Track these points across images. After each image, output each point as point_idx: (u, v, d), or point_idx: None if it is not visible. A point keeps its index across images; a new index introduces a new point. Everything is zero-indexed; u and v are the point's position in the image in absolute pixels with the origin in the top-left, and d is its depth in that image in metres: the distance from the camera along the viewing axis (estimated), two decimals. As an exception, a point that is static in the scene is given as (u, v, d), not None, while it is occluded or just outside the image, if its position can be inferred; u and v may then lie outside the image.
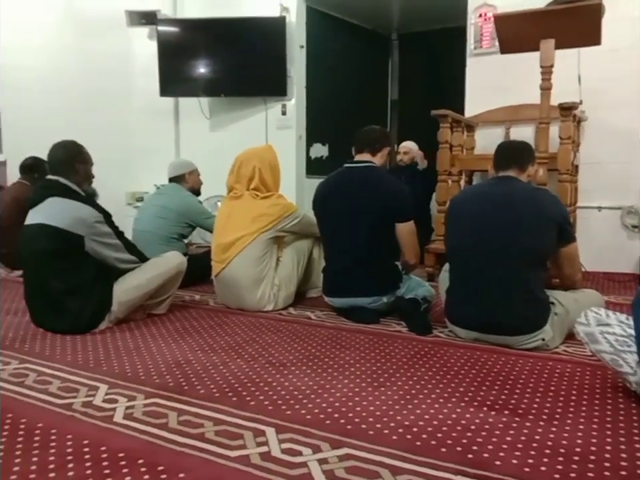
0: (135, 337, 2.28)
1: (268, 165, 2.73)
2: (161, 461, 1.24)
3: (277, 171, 2.77)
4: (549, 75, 2.82)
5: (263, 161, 2.73)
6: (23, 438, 1.36)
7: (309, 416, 1.49)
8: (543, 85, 2.84)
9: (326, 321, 2.50)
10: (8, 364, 1.92)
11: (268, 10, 5.06)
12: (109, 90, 5.61)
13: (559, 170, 2.98)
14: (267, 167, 2.72)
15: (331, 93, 5.41)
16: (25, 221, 3.57)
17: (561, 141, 2.97)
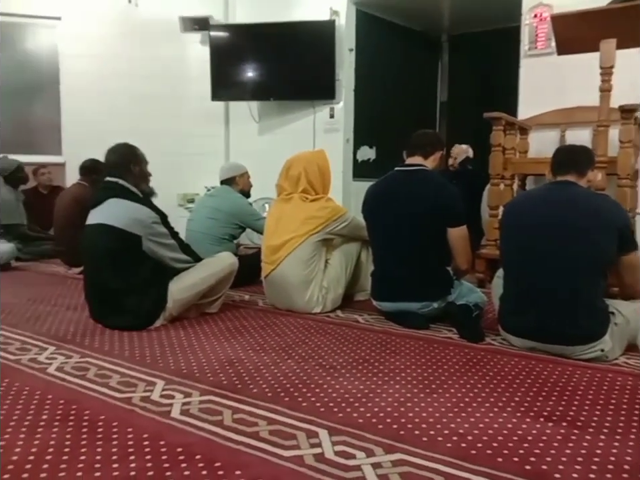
0: (188, 334, 2.34)
1: (316, 168, 2.75)
2: (218, 458, 1.27)
3: (326, 175, 2.79)
4: (608, 76, 2.72)
5: (312, 163, 2.76)
6: (87, 429, 1.41)
7: (361, 419, 1.49)
8: (603, 86, 2.74)
9: (374, 325, 2.50)
10: (70, 357, 2.01)
11: (318, 14, 5.11)
12: (163, 95, 5.79)
13: (618, 175, 2.87)
14: (315, 170, 2.74)
15: (379, 96, 5.41)
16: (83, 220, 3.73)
17: (621, 144, 2.86)
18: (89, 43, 5.83)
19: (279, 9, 5.31)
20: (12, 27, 6.07)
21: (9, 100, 6.09)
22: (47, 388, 1.70)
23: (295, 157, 2.85)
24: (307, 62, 5.07)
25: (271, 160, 5.16)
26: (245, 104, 5.60)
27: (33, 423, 1.45)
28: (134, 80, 5.80)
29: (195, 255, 2.60)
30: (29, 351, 2.08)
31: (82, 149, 5.27)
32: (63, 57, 5.98)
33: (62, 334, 2.33)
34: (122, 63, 5.81)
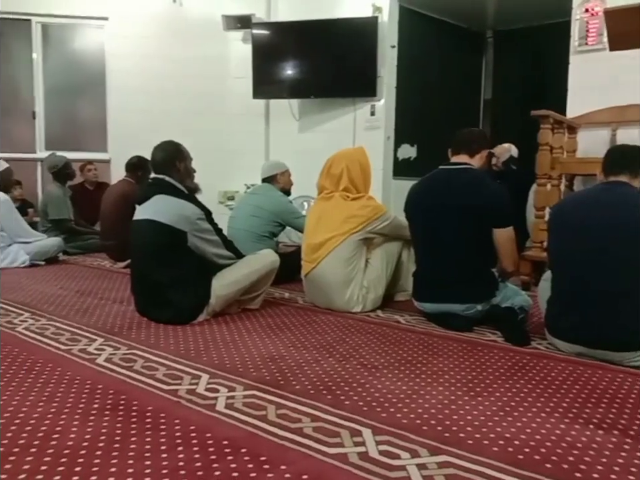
0: (230, 329, 2.37)
1: (358, 166, 2.74)
2: (263, 452, 1.28)
3: (367, 173, 2.78)
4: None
5: (353, 161, 2.74)
6: (137, 419, 1.45)
7: (404, 420, 1.48)
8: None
9: (416, 325, 2.47)
10: (118, 349, 2.07)
11: (360, 11, 5.09)
12: (205, 93, 5.88)
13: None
14: (357, 168, 2.73)
15: (421, 93, 5.35)
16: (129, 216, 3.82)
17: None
18: (134, 43, 5.97)
19: (321, 6, 5.31)
20: (61, 28, 6.28)
21: (57, 98, 6.31)
22: (97, 378, 1.76)
23: (336, 155, 2.84)
24: (348, 59, 5.06)
25: (310, 158, 5.18)
26: (285, 102, 5.63)
27: (85, 411, 1.50)
28: (177, 78, 5.91)
29: (238, 251, 2.63)
30: (79, 342, 2.15)
31: (126, 146, 5.42)
32: (109, 57, 6.15)
33: (109, 326, 2.40)
34: (166, 61, 5.93)
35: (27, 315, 2.56)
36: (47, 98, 6.28)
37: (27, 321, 2.45)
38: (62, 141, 6.26)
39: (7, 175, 4.10)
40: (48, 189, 4.98)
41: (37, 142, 6.21)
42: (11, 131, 6.34)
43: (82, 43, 6.33)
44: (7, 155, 5.43)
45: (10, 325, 2.38)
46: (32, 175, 6.13)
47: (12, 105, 6.34)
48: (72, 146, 6.13)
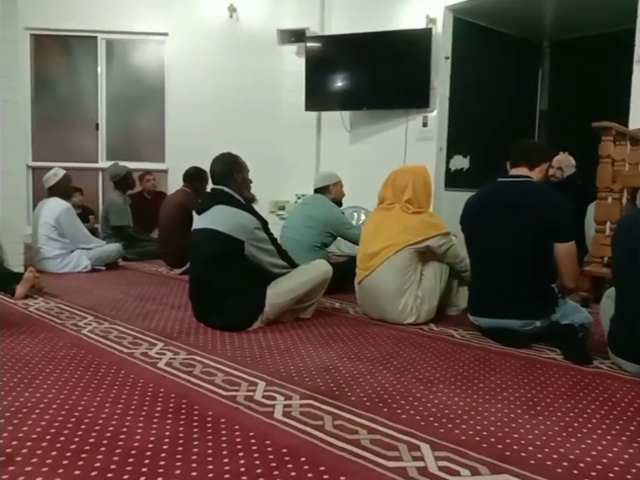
0: (284, 338, 2.40)
1: (422, 182, 2.77)
2: (322, 462, 1.30)
3: (429, 191, 2.80)
4: None
5: (418, 176, 2.78)
6: (198, 423, 1.49)
7: (463, 436, 1.46)
8: None
9: (471, 340, 2.43)
10: (177, 354, 2.14)
11: (414, 23, 5.10)
12: (259, 105, 6.02)
13: None
14: (422, 183, 2.76)
15: (475, 104, 5.29)
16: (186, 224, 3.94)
17: None
18: (192, 57, 6.19)
19: (375, 19, 5.35)
20: (123, 44, 6.58)
21: (118, 111, 6.60)
22: (159, 381, 1.82)
23: (401, 168, 2.94)
24: (401, 71, 5.07)
25: (361, 169, 5.23)
26: (337, 113, 5.69)
27: (149, 413, 1.55)
28: (232, 92, 6.07)
29: (292, 261, 2.67)
30: (140, 345, 2.23)
31: (183, 157, 5.60)
32: (168, 71, 6.39)
33: (169, 331, 2.48)
34: (222, 75, 6.11)
35: (91, 318, 2.67)
36: (109, 110, 6.58)
37: (91, 324, 2.56)
38: (122, 151, 6.54)
39: (66, 182, 4.29)
40: (109, 197, 5.20)
41: (99, 152, 6.51)
42: (75, 141, 6.68)
43: (143, 57, 6.61)
44: (70, 164, 5.74)
45: (76, 327, 2.50)
46: (94, 183, 6.44)
47: (77, 117, 6.69)
48: (131, 156, 6.39)
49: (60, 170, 4.31)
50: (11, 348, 2.15)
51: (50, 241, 4.05)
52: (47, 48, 6.65)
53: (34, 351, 2.12)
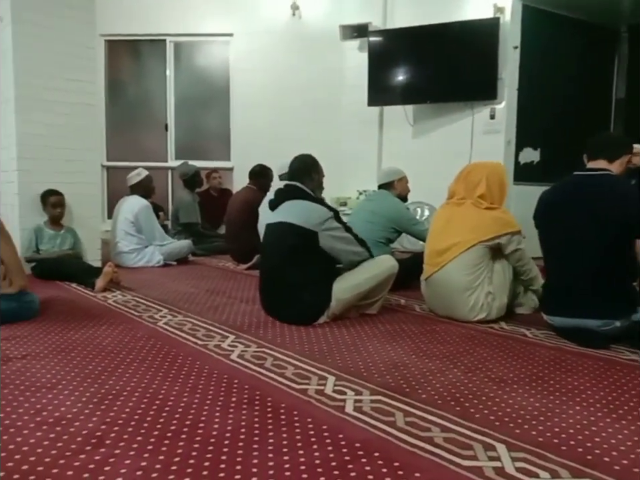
0: (351, 334, 2.42)
1: (497, 178, 2.70)
2: (396, 458, 1.30)
3: (504, 187, 2.72)
4: None
5: (494, 172, 2.71)
6: (272, 415, 1.53)
7: (540, 438, 1.42)
8: None
9: (545, 340, 2.35)
10: (248, 346, 2.20)
11: (481, 12, 4.95)
12: (322, 102, 6.05)
13: None
14: (496, 179, 2.69)
15: (545, 94, 5.08)
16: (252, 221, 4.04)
17: None
18: (256, 57, 6.30)
19: (439, 10, 5.23)
20: (190, 46, 6.79)
21: (185, 111, 6.82)
22: (232, 372, 1.88)
23: (476, 163, 2.89)
24: (467, 62, 4.95)
25: (424, 164, 5.15)
26: (399, 108, 5.62)
27: (225, 403, 1.61)
28: (296, 89, 6.14)
29: (369, 248, 2.68)
30: (213, 338, 2.31)
31: (248, 155, 5.73)
32: (233, 71, 6.53)
33: (239, 324, 2.55)
34: (285, 73, 6.18)
35: (166, 311, 2.79)
36: (177, 111, 6.82)
37: (166, 317, 2.67)
38: (189, 150, 6.76)
39: (147, 183, 4.51)
40: (179, 195, 5.40)
41: (168, 152, 6.76)
42: (146, 141, 6.97)
43: (209, 58, 6.80)
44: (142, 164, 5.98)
45: (152, 319, 2.62)
46: (163, 181, 6.69)
47: (147, 118, 6.97)
48: (198, 155, 6.59)
49: (143, 170, 4.54)
50: (94, 338, 2.29)
51: (127, 235, 4.27)
52: (119, 52, 6.97)
53: (115, 341, 2.24)
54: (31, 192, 3.82)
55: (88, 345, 2.19)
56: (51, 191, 3.79)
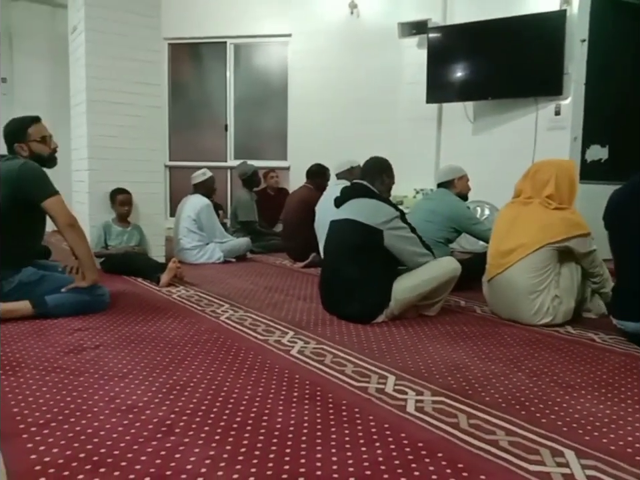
0: (410, 334, 2.40)
1: (567, 176, 2.60)
2: (460, 459, 1.28)
3: (574, 187, 2.62)
4: None
5: (563, 171, 2.61)
6: (333, 411, 1.55)
7: (612, 446, 1.37)
8: None
9: (614, 346, 2.25)
10: (308, 343, 2.23)
11: (546, 5, 4.78)
12: (379, 100, 6.03)
13: None
14: (566, 178, 2.59)
15: (614, 89, 4.85)
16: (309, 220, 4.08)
17: None
18: (314, 56, 6.35)
19: (501, 4, 5.10)
20: (249, 47, 6.94)
21: (244, 111, 6.98)
22: (293, 368, 1.91)
23: (545, 161, 2.76)
24: (530, 57, 4.79)
25: (485, 162, 5.04)
26: (459, 105, 5.52)
27: (288, 398, 1.64)
28: (353, 88, 6.14)
29: (432, 250, 2.67)
30: (273, 333, 2.36)
31: (304, 155, 5.80)
32: (291, 71, 6.62)
33: (298, 320, 2.59)
34: (343, 73, 6.20)
35: (227, 306, 2.87)
36: (237, 112, 6.98)
37: (228, 312, 2.75)
38: (247, 150, 6.92)
39: (210, 183, 4.65)
40: (238, 194, 5.53)
41: (228, 152, 6.93)
42: (206, 142, 7.18)
43: (267, 59, 6.93)
44: (202, 164, 6.17)
45: (214, 314, 2.70)
46: (223, 181, 6.87)
47: (208, 119, 7.18)
48: (256, 155, 6.73)
49: (208, 171, 4.69)
50: (161, 330, 2.38)
51: (190, 233, 4.41)
52: (181, 55, 7.22)
53: (180, 334, 2.33)
54: (100, 190, 4.01)
55: (156, 337, 2.28)
56: (119, 189, 3.97)
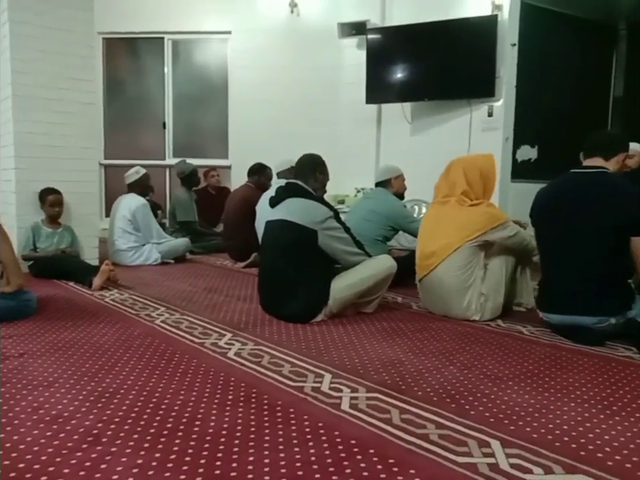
0: (348, 331, 2.42)
1: (477, 172, 2.65)
2: (391, 454, 1.31)
3: (488, 180, 2.69)
4: None
5: (471, 166, 2.67)
6: (268, 412, 1.54)
7: (535, 435, 1.43)
8: None
9: (540, 337, 2.36)
10: (245, 344, 2.20)
11: (479, 10, 4.96)
12: (320, 100, 6.05)
13: None
14: (476, 173, 2.65)
15: (544, 92, 5.10)
16: (250, 219, 4.04)
17: None
18: (254, 54, 6.29)
19: (437, 7, 5.24)
20: (188, 44, 6.79)
21: (183, 109, 6.82)
22: (229, 370, 1.88)
23: (457, 159, 2.80)
24: (465, 60, 4.95)
25: (422, 161, 5.15)
26: (397, 105, 5.62)
27: (222, 401, 1.61)
28: (294, 88, 6.13)
29: (366, 249, 2.69)
30: (210, 336, 2.32)
31: (246, 153, 5.74)
32: (231, 69, 6.54)
33: (236, 322, 2.56)
34: (284, 71, 6.18)
35: (163, 309, 2.80)
36: (175, 109, 6.82)
37: (164, 315, 2.68)
38: (187, 148, 6.77)
39: (144, 181, 4.51)
40: (176, 193, 5.41)
41: (166, 150, 6.76)
42: (144, 140, 6.97)
43: (207, 56, 6.80)
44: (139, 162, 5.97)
45: (149, 317, 2.63)
46: (161, 180, 6.70)
47: (145, 116, 6.97)
48: (196, 153, 6.60)
49: (141, 169, 4.53)
50: (91, 336, 2.29)
51: (125, 233, 4.27)
52: (117, 50, 6.97)
53: (112, 339, 2.25)
54: (28, 190, 3.82)
55: (85, 343, 2.19)
56: (49, 189, 3.79)
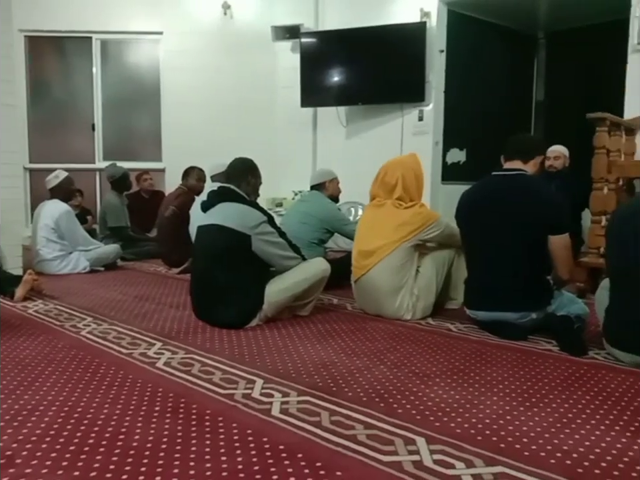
0: (282, 335, 2.42)
1: (412, 174, 2.74)
2: (319, 458, 1.31)
3: (420, 180, 2.78)
4: None
5: (408, 170, 2.75)
6: (196, 422, 1.51)
7: (458, 430, 1.48)
8: None
9: (468, 334, 2.45)
10: (176, 353, 2.15)
11: (408, 16, 5.09)
12: (255, 103, 6.01)
13: None
14: (412, 176, 2.74)
15: (471, 97, 5.30)
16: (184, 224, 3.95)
17: None
18: (187, 56, 6.16)
19: (369, 13, 5.34)
20: (118, 44, 6.56)
21: (114, 111, 6.59)
22: (157, 381, 1.83)
23: (390, 162, 2.84)
24: (396, 65, 5.07)
25: (357, 164, 5.23)
26: (332, 109, 5.68)
27: (148, 413, 1.57)
28: (228, 90, 6.06)
29: (301, 253, 2.69)
30: (139, 346, 2.25)
31: (180, 156, 5.60)
32: (163, 70, 6.37)
33: (167, 330, 2.49)
34: (217, 74, 6.09)
35: (90, 320, 2.69)
36: (105, 111, 6.57)
37: (90, 325, 2.57)
38: (119, 151, 6.53)
39: (67, 185, 4.30)
40: (106, 198, 5.21)
41: (96, 153, 6.51)
42: (72, 142, 6.68)
43: (138, 57, 6.59)
44: (67, 166, 5.72)
45: (75, 328, 2.52)
46: (91, 184, 6.43)
47: (73, 118, 6.67)
48: (128, 156, 6.38)
49: (62, 172, 4.32)
50: (11, 350, 2.17)
51: (49, 242, 4.06)
52: (42, 50, 6.63)
53: (33, 353, 2.14)
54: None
55: (4, 358, 2.07)
56: (-35, 195, 3.56)
